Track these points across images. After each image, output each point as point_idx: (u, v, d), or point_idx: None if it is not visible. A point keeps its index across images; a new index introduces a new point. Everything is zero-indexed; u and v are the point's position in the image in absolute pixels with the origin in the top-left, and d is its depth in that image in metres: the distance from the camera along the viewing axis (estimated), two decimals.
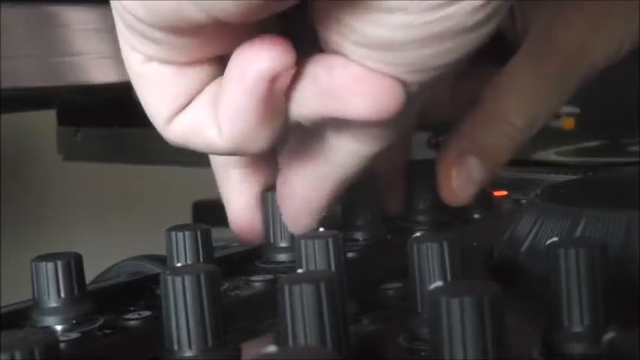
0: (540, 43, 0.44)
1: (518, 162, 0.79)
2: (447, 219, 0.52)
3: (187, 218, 0.87)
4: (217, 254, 0.44)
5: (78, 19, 0.47)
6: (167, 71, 0.33)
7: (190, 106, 0.34)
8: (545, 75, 0.43)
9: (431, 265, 0.31)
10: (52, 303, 0.36)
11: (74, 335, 0.35)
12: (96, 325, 0.36)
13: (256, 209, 0.43)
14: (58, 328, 0.35)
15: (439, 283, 0.26)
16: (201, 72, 0.33)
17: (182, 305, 0.29)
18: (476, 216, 0.54)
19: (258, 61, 0.30)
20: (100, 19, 0.48)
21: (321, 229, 0.39)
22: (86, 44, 0.48)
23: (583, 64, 0.43)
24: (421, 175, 0.49)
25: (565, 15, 0.43)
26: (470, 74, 0.50)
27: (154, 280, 0.39)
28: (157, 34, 0.31)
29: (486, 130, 0.44)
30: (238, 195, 0.43)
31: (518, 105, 0.43)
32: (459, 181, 0.45)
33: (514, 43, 0.47)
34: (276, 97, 0.32)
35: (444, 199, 0.46)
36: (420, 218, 0.50)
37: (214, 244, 0.41)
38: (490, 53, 0.51)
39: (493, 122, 0.44)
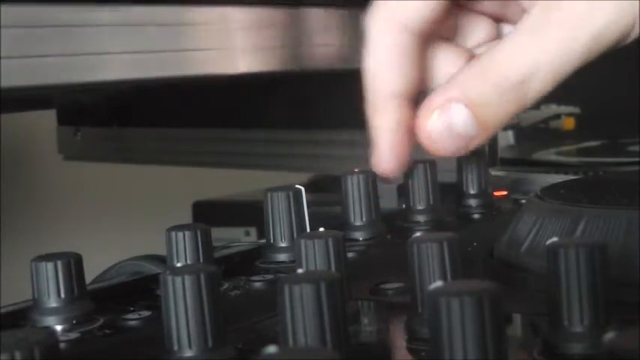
0: (548, 5, 0.42)
1: (518, 162, 0.79)
2: (447, 219, 0.52)
3: (187, 218, 0.87)
4: (217, 254, 0.44)
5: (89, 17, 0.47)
6: None
7: None
8: (549, 34, 0.40)
9: (431, 265, 0.31)
10: (52, 303, 0.36)
11: (74, 335, 0.35)
12: (96, 325, 0.36)
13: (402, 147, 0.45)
14: (58, 328, 0.35)
15: (439, 283, 0.26)
16: None
17: (182, 305, 0.29)
18: (476, 216, 0.54)
19: None
20: (111, 15, 0.48)
21: (321, 229, 0.39)
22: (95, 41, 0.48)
23: (590, 31, 0.40)
24: (421, 175, 0.49)
25: None
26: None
27: (153, 280, 0.39)
28: None
29: (476, 80, 0.41)
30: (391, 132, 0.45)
31: (513, 56, 0.41)
32: (438, 124, 0.41)
33: None
34: None
35: (421, 142, 0.42)
36: (420, 218, 0.50)
37: (214, 244, 0.41)
38: None
39: (485, 73, 0.41)
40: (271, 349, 0.23)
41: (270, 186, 0.46)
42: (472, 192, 0.55)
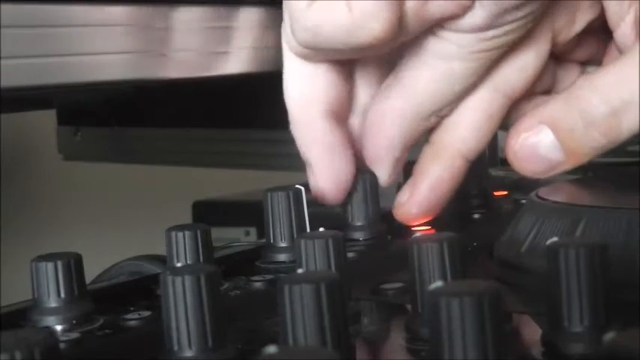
0: None
1: None
2: (447, 219, 0.52)
3: (187, 218, 0.87)
4: (217, 254, 0.44)
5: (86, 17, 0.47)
6: None
7: None
8: None
9: (431, 265, 0.31)
10: (52, 303, 0.35)
11: (74, 335, 0.34)
12: (96, 325, 0.36)
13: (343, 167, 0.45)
14: (58, 328, 0.35)
15: (439, 283, 0.26)
16: None
17: (182, 305, 0.29)
18: (476, 216, 0.54)
19: None
20: (111, 14, 0.48)
21: (321, 229, 0.39)
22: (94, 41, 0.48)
23: None
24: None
25: None
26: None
27: (153, 280, 0.39)
28: None
29: (565, 106, 0.40)
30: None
31: (604, 88, 0.39)
32: (525, 144, 0.41)
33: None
34: None
35: (509, 162, 0.43)
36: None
37: (214, 244, 0.41)
38: None
39: (574, 100, 0.40)
40: (271, 349, 0.23)
41: (270, 186, 0.46)
42: (472, 192, 0.55)
